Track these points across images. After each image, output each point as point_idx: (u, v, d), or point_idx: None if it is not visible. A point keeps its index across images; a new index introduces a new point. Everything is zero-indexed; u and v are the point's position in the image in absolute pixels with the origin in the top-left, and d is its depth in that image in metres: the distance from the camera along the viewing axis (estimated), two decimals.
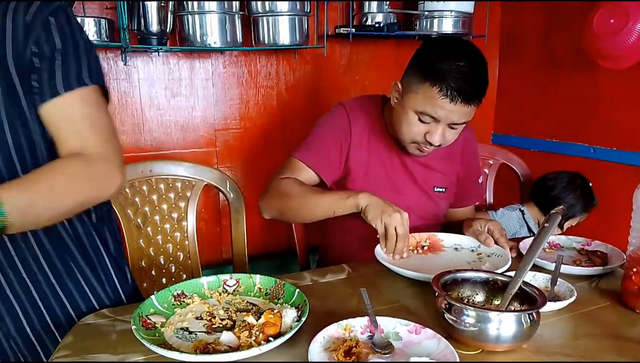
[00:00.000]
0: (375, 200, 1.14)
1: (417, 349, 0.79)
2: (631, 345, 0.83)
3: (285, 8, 1.93)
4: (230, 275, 1.02)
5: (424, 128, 1.20)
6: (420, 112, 1.17)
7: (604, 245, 1.23)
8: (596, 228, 1.92)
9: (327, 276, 1.11)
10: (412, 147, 1.27)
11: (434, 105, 1.14)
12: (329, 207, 1.20)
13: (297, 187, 1.26)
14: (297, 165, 1.32)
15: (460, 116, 1.16)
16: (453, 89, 1.11)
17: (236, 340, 0.80)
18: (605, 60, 1.93)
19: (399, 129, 1.25)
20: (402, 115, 1.22)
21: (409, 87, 1.19)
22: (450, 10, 2.18)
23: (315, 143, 1.33)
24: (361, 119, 1.34)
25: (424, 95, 1.15)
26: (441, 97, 1.12)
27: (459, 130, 1.23)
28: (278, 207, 1.28)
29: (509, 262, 1.08)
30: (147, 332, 0.83)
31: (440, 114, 1.15)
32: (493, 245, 1.19)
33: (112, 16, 1.90)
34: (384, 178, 1.35)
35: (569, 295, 0.94)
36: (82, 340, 0.84)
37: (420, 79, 1.15)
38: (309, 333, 0.80)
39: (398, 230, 1.09)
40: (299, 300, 0.91)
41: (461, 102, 1.12)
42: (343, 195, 1.18)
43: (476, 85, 1.13)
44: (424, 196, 1.39)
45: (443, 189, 1.41)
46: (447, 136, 1.21)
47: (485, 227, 1.24)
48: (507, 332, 0.77)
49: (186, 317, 0.90)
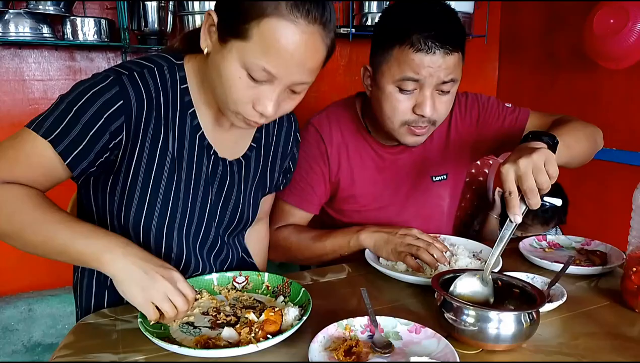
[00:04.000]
0: (378, 237, 1.12)
1: (417, 348, 0.79)
2: (630, 345, 0.83)
3: None
4: (240, 272, 1.03)
5: (410, 101, 1.07)
6: (399, 80, 1.05)
7: (603, 245, 1.23)
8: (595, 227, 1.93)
9: (328, 275, 1.11)
10: (403, 133, 1.12)
11: (411, 66, 1.02)
12: (335, 252, 1.20)
13: (296, 236, 1.25)
14: (289, 209, 1.28)
15: (444, 71, 1.03)
16: (425, 38, 1.00)
17: (237, 336, 0.81)
18: (605, 60, 1.93)
19: (384, 115, 1.12)
20: (382, 96, 1.09)
21: (380, 63, 1.08)
22: None
23: (298, 180, 1.26)
24: (335, 133, 1.26)
25: (397, 61, 1.04)
26: (415, 52, 1.01)
27: (450, 97, 1.10)
28: (284, 259, 1.29)
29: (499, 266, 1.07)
30: (153, 325, 0.84)
31: (423, 73, 1.02)
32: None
33: (112, 16, 1.91)
34: (370, 181, 1.29)
35: (560, 296, 0.94)
36: (83, 340, 0.84)
37: (387, 47, 1.05)
38: (309, 333, 0.81)
39: (419, 244, 1.07)
40: (303, 299, 0.91)
41: (438, 49, 1.00)
42: (344, 238, 1.17)
43: (448, 25, 1.03)
44: (420, 189, 1.32)
45: (444, 176, 1.32)
46: (438, 106, 1.07)
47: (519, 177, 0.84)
48: (506, 331, 0.77)
49: (193, 312, 0.91)
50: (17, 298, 2.00)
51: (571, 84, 2.29)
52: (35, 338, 2.01)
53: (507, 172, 0.83)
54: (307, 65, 0.82)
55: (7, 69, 1.87)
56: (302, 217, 1.31)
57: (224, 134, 0.99)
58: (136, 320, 0.83)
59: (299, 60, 0.80)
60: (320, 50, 0.83)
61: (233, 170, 1.02)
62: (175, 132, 0.92)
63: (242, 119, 0.87)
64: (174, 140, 0.92)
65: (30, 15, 1.70)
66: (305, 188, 1.27)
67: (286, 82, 0.82)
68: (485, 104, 1.30)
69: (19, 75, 1.89)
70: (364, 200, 1.30)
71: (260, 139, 1.07)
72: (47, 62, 1.92)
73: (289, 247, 1.26)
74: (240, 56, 0.79)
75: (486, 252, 1.16)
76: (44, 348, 2.02)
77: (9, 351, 1.98)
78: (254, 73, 0.80)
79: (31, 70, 1.91)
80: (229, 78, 0.82)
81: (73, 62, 1.96)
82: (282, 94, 0.85)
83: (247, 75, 0.81)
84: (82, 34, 1.78)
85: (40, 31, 1.73)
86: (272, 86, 0.83)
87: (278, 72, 0.80)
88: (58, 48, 1.91)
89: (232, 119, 0.89)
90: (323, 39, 0.82)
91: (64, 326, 2.03)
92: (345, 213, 1.33)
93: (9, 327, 1.97)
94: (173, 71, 0.91)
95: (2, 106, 1.89)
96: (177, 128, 0.92)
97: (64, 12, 1.74)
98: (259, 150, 1.07)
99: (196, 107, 0.94)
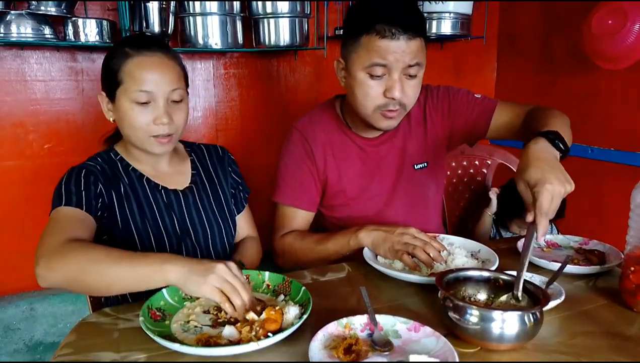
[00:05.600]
0: (376, 235, 1.15)
1: (416, 347, 0.79)
2: (628, 344, 0.84)
3: (285, 10, 1.94)
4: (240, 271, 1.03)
5: (380, 86, 1.15)
6: (368, 67, 1.14)
7: (601, 244, 1.23)
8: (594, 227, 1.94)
9: (327, 274, 1.12)
10: (377, 118, 1.20)
11: (378, 52, 1.11)
12: (338, 253, 1.22)
13: (299, 242, 1.29)
14: (287, 212, 1.34)
15: (409, 55, 1.12)
16: (389, 25, 1.10)
17: (237, 335, 0.81)
18: (603, 60, 1.94)
19: (357, 102, 1.20)
20: (354, 84, 1.18)
21: (350, 53, 1.17)
22: (448, 12, 2.19)
23: (290, 180, 1.34)
24: (318, 134, 1.33)
25: (365, 49, 1.13)
26: (381, 39, 1.11)
27: (417, 81, 1.18)
28: (291, 264, 1.33)
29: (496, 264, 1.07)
30: (155, 323, 0.85)
31: (390, 58, 1.12)
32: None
33: (113, 17, 1.91)
34: (356, 173, 1.34)
35: (558, 295, 0.95)
36: (85, 339, 0.85)
37: (356, 37, 1.15)
38: (309, 331, 0.81)
39: (416, 242, 1.09)
40: (303, 297, 0.92)
41: (402, 34, 1.10)
42: (344, 238, 1.20)
43: (409, 12, 1.13)
44: (404, 177, 1.36)
45: (424, 164, 1.38)
46: (407, 89, 1.16)
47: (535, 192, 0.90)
48: (510, 331, 0.77)
49: (194, 311, 0.92)
50: (18, 297, 2.00)
51: (569, 84, 2.29)
52: (36, 338, 2.01)
53: (543, 194, 0.88)
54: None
55: (8, 69, 1.88)
56: (302, 218, 1.34)
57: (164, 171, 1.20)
58: (137, 319, 0.84)
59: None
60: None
61: (187, 198, 1.20)
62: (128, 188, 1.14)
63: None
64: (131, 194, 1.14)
65: (32, 16, 1.70)
66: (298, 187, 1.33)
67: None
68: (455, 95, 1.37)
69: (21, 75, 1.90)
70: (353, 193, 1.35)
71: (198, 168, 1.26)
72: (48, 63, 1.93)
73: (295, 252, 1.30)
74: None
75: (485, 251, 1.16)
76: (45, 348, 2.02)
77: (10, 350, 1.98)
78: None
79: (33, 71, 1.92)
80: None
81: (75, 63, 1.97)
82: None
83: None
84: (83, 35, 1.79)
85: (42, 32, 1.74)
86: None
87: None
88: (60, 49, 1.92)
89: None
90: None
91: (65, 325, 2.04)
92: (336, 209, 1.37)
93: (10, 326, 1.97)
94: (110, 157, 1.17)
95: (4, 106, 1.89)
96: (128, 185, 1.14)
97: (65, 13, 1.75)
98: (200, 176, 1.25)
99: (134, 165, 1.17)
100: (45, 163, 1.98)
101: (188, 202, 1.20)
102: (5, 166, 1.93)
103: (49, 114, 1.96)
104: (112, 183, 1.12)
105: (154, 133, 1.09)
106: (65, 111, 1.99)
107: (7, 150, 1.93)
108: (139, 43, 1.09)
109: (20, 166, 1.95)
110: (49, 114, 1.96)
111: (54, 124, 1.98)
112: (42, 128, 1.96)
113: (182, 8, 1.87)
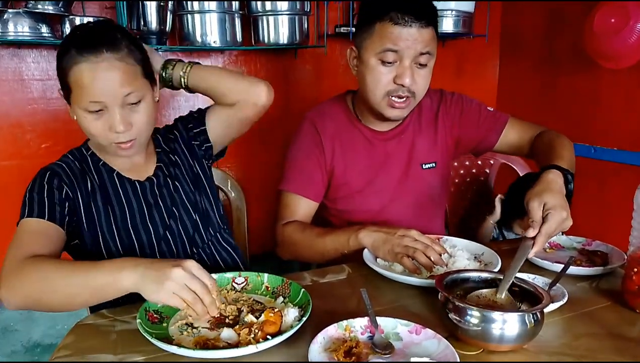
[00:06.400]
0: (376, 237, 1.13)
1: (418, 349, 0.79)
2: (631, 345, 0.83)
3: (285, 7, 1.93)
4: (239, 273, 1.03)
5: (391, 73, 1.19)
6: (380, 52, 1.17)
7: (604, 245, 1.22)
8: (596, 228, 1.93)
9: (327, 276, 1.11)
10: (385, 106, 1.23)
11: (390, 38, 1.15)
12: (336, 251, 1.21)
13: (300, 233, 1.27)
14: (292, 200, 1.33)
15: (421, 43, 1.16)
16: (402, 13, 1.14)
17: (236, 337, 0.81)
18: (605, 59, 1.93)
19: (367, 89, 1.23)
20: (365, 70, 1.22)
21: (363, 40, 1.21)
22: (450, 10, 2.18)
23: (297, 169, 1.34)
24: (328, 124, 1.35)
25: (378, 35, 1.17)
26: (394, 25, 1.15)
27: (427, 71, 1.21)
28: (290, 256, 1.33)
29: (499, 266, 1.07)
30: (153, 326, 0.84)
31: (401, 45, 1.15)
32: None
33: (111, 15, 1.90)
34: (362, 165, 1.35)
35: (561, 297, 0.94)
36: (82, 340, 0.84)
37: (369, 25, 1.19)
38: (309, 334, 0.80)
39: (417, 245, 1.07)
40: (303, 299, 0.91)
41: (414, 22, 1.14)
42: (344, 236, 1.19)
43: (422, 3, 1.17)
44: (410, 175, 1.36)
45: (433, 164, 1.38)
46: (417, 78, 1.19)
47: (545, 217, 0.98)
48: (511, 332, 0.77)
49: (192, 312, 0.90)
50: None
51: (571, 83, 2.28)
52: (34, 339, 2.01)
53: (555, 218, 0.96)
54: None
55: (5, 68, 1.87)
56: (306, 207, 1.33)
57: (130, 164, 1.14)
58: (135, 321, 0.83)
59: None
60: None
61: (153, 187, 1.14)
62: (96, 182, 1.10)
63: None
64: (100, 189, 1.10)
65: (29, 15, 1.69)
66: (305, 176, 1.33)
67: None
68: (468, 104, 1.40)
69: (18, 74, 1.89)
70: (357, 186, 1.35)
71: (162, 155, 1.19)
72: (46, 62, 1.92)
73: (295, 243, 1.28)
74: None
75: (488, 254, 1.15)
76: (43, 349, 2.02)
77: (8, 351, 1.98)
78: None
79: (30, 70, 1.90)
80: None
81: None
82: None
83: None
84: None
85: (39, 31, 1.72)
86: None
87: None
88: (57, 48, 1.90)
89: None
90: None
91: (63, 327, 2.03)
92: (340, 201, 1.37)
93: (8, 327, 1.97)
94: (81, 153, 1.15)
95: (1, 106, 1.88)
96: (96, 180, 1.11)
97: (63, 12, 1.73)
98: (165, 162, 1.18)
99: (105, 160, 1.13)
100: (43, 163, 1.95)
101: (154, 192, 1.13)
102: (2, 166, 1.92)
103: (46, 113, 1.95)
104: (79, 181, 1.07)
105: (114, 140, 1.02)
106: (62, 110, 1.97)
107: (5, 149, 1.92)
108: (84, 42, 0.98)
109: (18, 166, 1.94)
110: (46, 113, 1.95)
111: (52, 123, 1.96)
112: (39, 127, 1.95)
113: (181, 6, 1.86)
